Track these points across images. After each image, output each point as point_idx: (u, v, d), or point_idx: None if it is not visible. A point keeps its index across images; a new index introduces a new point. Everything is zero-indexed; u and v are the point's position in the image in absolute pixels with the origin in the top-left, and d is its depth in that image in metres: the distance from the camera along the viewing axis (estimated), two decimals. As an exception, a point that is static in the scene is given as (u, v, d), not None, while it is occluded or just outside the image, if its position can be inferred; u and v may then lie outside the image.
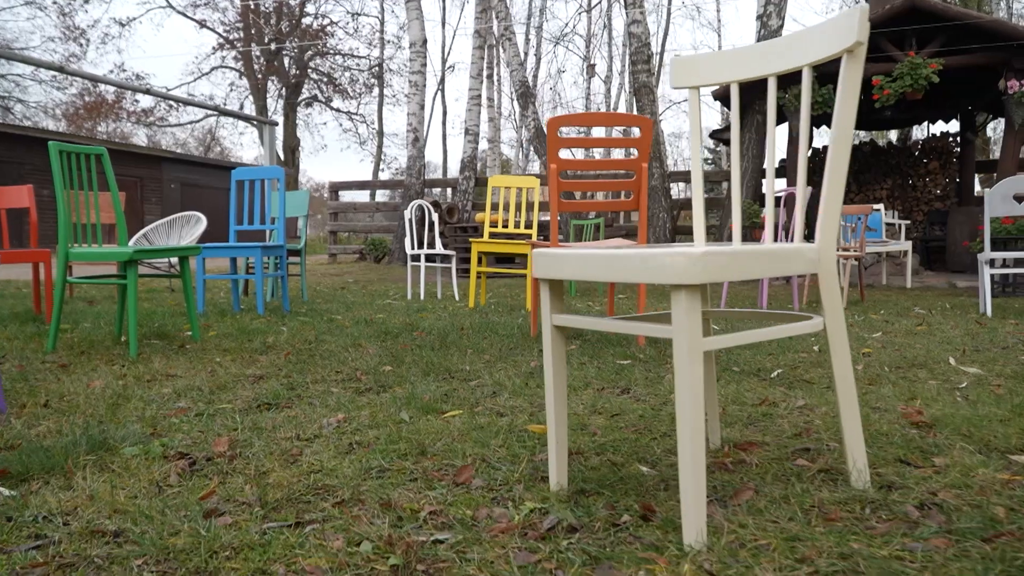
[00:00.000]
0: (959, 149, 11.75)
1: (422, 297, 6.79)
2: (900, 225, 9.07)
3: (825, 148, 12.66)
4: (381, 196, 28.98)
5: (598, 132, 18.95)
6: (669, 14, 29.72)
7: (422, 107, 13.96)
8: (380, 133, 30.07)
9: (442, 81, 28.97)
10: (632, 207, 3.45)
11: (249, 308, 5.43)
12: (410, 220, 7.06)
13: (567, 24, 29.58)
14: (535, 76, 25.94)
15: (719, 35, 34.07)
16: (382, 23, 27.93)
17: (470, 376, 2.79)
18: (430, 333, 3.99)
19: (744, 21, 66.90)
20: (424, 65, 13.85)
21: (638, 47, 10.48)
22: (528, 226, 9.83)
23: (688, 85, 1.69)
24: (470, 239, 5.43)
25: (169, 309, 5.23)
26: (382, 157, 30.55)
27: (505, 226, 9.64)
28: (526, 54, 24.36)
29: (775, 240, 8.56)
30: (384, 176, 32.31)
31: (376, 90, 31.75)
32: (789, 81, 9.51)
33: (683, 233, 12.59)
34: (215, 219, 24.06)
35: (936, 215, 11.26)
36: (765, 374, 2.82)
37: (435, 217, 7.24)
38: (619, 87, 27.61)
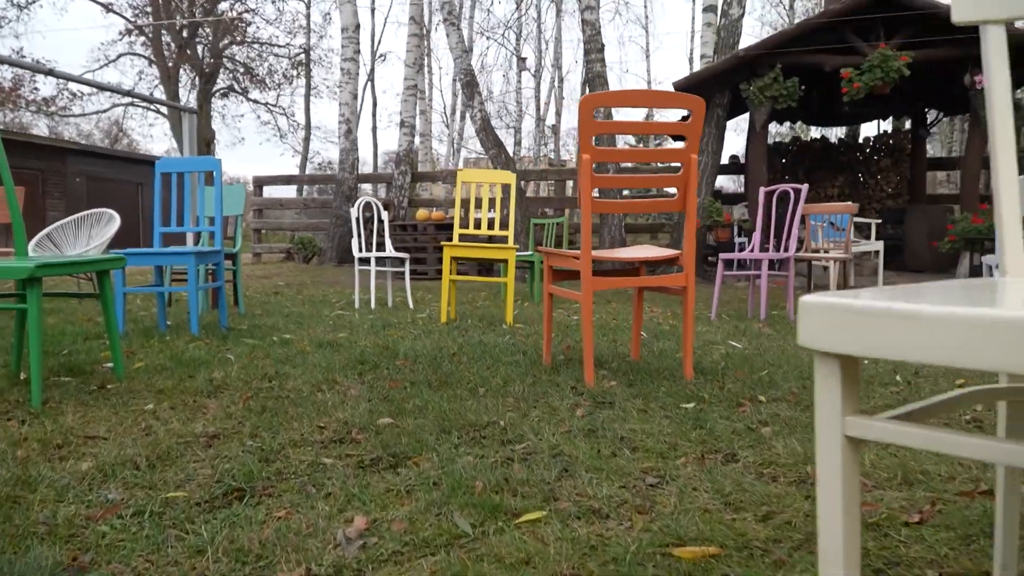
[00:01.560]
0: (911, 146, 11.59)
1: (373, 305, 6.03)
2: (871, 224, 8.74)
3: (780, 142, 12.36)
4: (307, 192, 27.69)
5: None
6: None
7: (355, 96, 13.07)
8: (308, 125, 28.77)
9: (372, 72, 27.89)
10: (677, 208, 2.80)
11: (178, 325, 4.58)
12: (358, 219, 6.29)
13: (513, 16, 28.86)
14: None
15: (647, 31, 34.02)
16: (308, 7, 26.65)
17: (510, 435, 2.09)
18: (416, 361, 3.26)
19: (671, 17, 67.27)
20: (357, 52, 12.97)
21: (591, 35, 9.89)
22: (504, 227, 9.11)
23: (985, 19, 1.04)
24: (441, 243, 4.71)
25: (81, 328, 4.33)
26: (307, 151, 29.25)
27: (477, 227, 8.91)
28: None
29: (767, 246, 8.04)
30: (308, 171, 30.95)
31: (296, 82, 30.39)
32: (751, 73, 9.07)
33: (631, 232, 12.10)
34: (125, 217, 22.41)
35: (889, 213, 11.05)
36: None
37: (384, 216, 6.49)
38: (550, 81, 27.10)
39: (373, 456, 1.93)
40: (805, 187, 5.55)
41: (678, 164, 2.74)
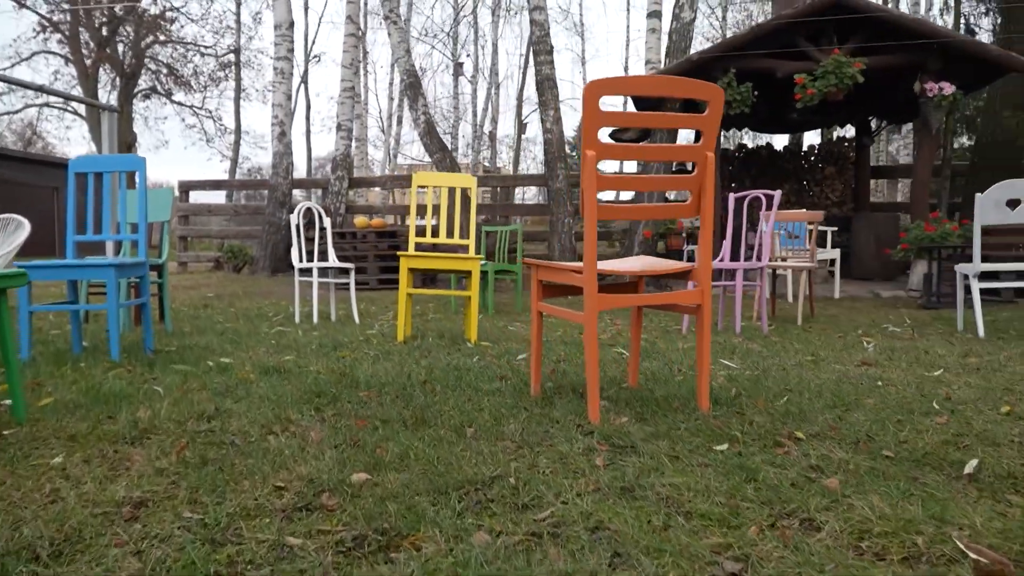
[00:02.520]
0: (854, 155, 11.59)
1: (315, 320, 5.53)
2: (827, 232, 8.60)
3: (726, 149, 12.24)
4: (236, 198, 26.64)
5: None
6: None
7: (289, 98, 12.46)
8: (238, 128, 27.72)
9: (305, 73, 27.08)
10: (690, 213, 2.43)
11: (96, 346, 4.01)
12: (297, 226, 5.78)
13: (451, 22, 28.45)
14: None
15: (582, 39, 34.02)
16: (239, 5, 25.69)
17: (525, 497, 1.66)
18: (383, 392, 2.80)
19: (610, 25, 67.41)
20: (291, 50, 12.36)
21: (540, 35, 9.54)
22: (463, 235, 8.62)
23: None
24: (398, 253, 4.26)
25: (-23, 352, 3.73)
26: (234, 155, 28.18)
27: (435, 235, 8.41)
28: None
29: (740, 256, 7.77)
30: (237, 177, 29.84)
31: (224, 84, 29.33)
32: (704, 77, 8.85)
33: (580, 239, 11.78)
34: (40, 225, 21.10)
35: (835, 221, 11.00)
36: (954, 469, 1.87)
37: (327, 223, 6.00)
38: (487, 88, 26.75)
39: (355, 534, 1.48)
40: (778, 193, 5.28)
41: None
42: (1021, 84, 10.28)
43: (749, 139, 23.95)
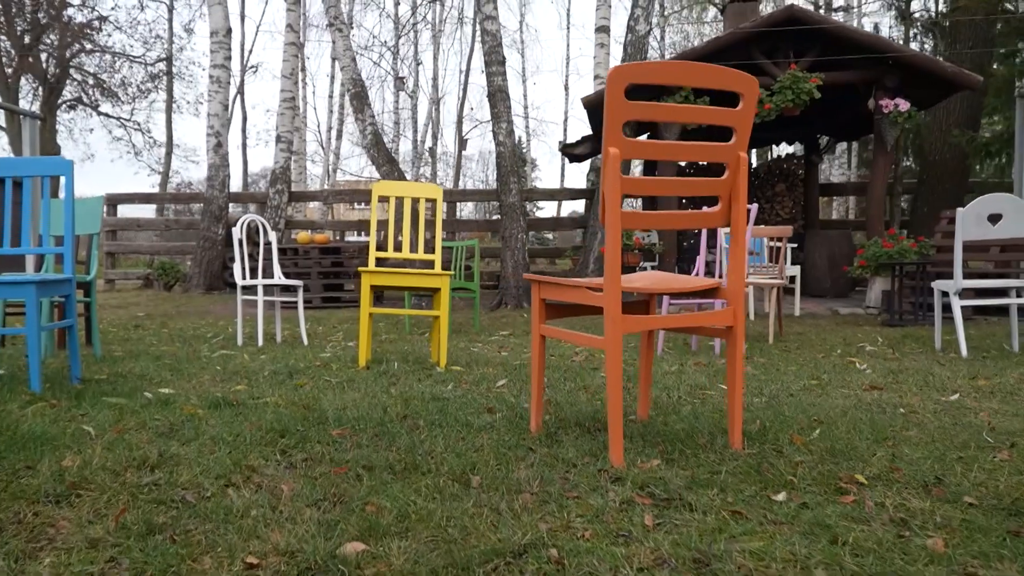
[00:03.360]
0: (803, 172, 11.60)
1: (260, 342, 5.08)
2: (788, 248, 8.48)
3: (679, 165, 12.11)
4: (166, 212, 25.58)
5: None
6: (473, 36, 28.97)
7: (226, 107, 11.90)
8: (169, 141, 26.68)
9: (242, 84, 26.26)
10: (719, 223, 2.13)
11: (12, 375, 3.51)
12: (240, 241, 5.33)
13: (394, 36, 27.99)
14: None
15: (522, 56, 34.03)
16: (171, 9, 24.80)
17: (573, 575, 1.31)
18: (357, 429, 2.41)
19: (547, 44, 67.82)
20: (228, 58, 11.82)
21: (492, 46, 9.26)
22: (429, 250, 8.19)
23: None
24: (359, 269, 3.88)
25: None
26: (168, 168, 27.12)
27: (398, 249, 7.97)
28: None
29: (716, 272, 7.55)
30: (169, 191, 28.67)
31: (152, 95, 28.23)
32: (661, 91, 8.69)
33: (532, 257, 11.51)
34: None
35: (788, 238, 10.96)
36: (1015, 509, 1.60)
37: (272, 237, 5.57)
38: (429, 102, 26.41)
39: (366, 639, 1.12)
40: (755, 207, 5.06)
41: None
42: (964, 102, 10.43)
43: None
